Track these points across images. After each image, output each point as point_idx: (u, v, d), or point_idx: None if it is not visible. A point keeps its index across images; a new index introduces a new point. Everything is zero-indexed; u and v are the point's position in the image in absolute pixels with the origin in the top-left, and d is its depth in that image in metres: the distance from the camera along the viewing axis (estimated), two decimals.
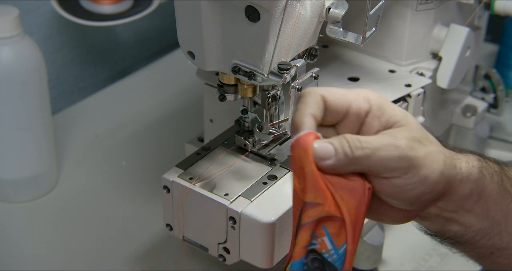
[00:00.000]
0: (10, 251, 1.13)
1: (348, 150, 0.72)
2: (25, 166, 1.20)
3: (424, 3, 1.10)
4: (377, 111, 0.75)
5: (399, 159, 0.72)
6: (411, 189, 0.74)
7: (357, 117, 0.75)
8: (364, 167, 0.72)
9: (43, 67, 1.15)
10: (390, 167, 0.72)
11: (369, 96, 0.75)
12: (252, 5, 0.83)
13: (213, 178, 0.94)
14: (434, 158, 0.75)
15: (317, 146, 0.71)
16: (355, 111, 0.74)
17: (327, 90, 0.74)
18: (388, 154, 0.72)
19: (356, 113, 0.74)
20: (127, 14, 1.32)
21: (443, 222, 0.79)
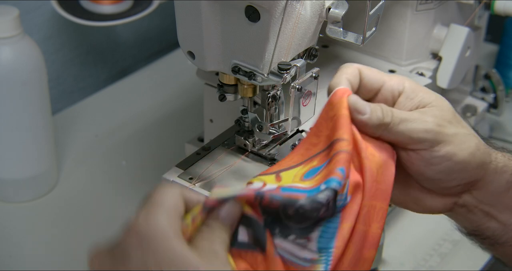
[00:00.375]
0: (10, 251, 1.13)
1: (380, 114, 0.74)
2: (25, 166, 1.19)
3: (424, 3, 1.10)
4: (411, 93, 0.77)
5: (425, 131, 0.74)
6: (438, 163, 0.75)
7: (390, 95, 0.78)
8: (391, 135, 0.75)
9: (43, 67, 1.15)
10: (416, 138, 0.74)
11: (404, 80, 0.78)
12: (252, 5, 0.83)
13: (213, 178, 0.94)
14: (464, 139, 0.76)
15: (354, 98, 0.74)
16: (389, 90, 0.77)
17: (364, 66, 0.77)
18: (414, 126, 0.74)
19: (390, 92, 0.77)
20: (127, 14, 1.32)
21: (481, 217, 0.79)
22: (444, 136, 0.75)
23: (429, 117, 0.75)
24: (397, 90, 0.77)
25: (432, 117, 0.75)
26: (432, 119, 0.75)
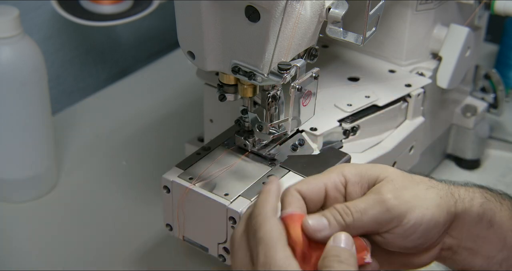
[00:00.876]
0: (10, 251, 1.13)
1: (340, 219, 0.74)
2: (25, 166, 1.19)
3: (424, 3, 1.10)
4: (355, 178, 0.78)
5: (387, 211, 0.75)
6: (413, 232, 0.76)
7: (338, 192, 0.78)
8: (360, 229, 0.75)
9: (43, 67, 1.15)
10: (383, 221, 0.75)
11: (342, 169, 0.78)
12: (252, 5, 0.83)
13: (213, 178, 0.94)
14: (424, 196, 0.77)
15: (310, 221, 0.74)
16: (333, 188, 0.78)
17: (300, 183, 0.77)
18: (376, 211, 0.75)
19: (335, 189, 0.78)
20: (127, 14, 1.32)
21: (466, 256, 0.80)
22: (404, 205, 0.75)
23: (384, 195, 0.75)
24: (340, 183, 0.78)
25: (387, 193, 0.75)
26: (389, 196, 0.75)
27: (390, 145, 1.05)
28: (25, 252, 1.13)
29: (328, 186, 0.78)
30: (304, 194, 0.77)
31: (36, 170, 1.20)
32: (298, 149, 0.99)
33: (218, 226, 0.92)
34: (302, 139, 1.00)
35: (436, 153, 1.26)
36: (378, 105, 1.05)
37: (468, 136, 1.26)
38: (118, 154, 1.31)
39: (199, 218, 0.94)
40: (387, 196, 0.75)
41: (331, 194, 0.78)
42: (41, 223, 1.18)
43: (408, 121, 1.09)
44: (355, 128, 1.03)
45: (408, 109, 1.08)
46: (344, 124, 1.02)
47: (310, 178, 0.79)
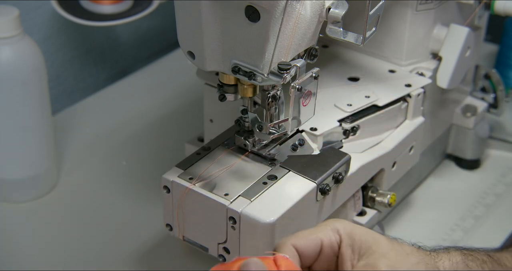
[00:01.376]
0: (10, 251, 1.13)
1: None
2: (25, 166, 1.19)
3: (424, 3, 1.10)
4: (348, 239, 0.78)
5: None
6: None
7: (331, 250, 0.78)
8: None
9: (43, 67, 1.15)
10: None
11: (337, 226, 0.78)
12: (252, 5, 0.83)
13: (213, 178, 0.94)
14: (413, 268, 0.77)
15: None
16: (328, 245, 0.78)
17: (296, 237, 0.77)
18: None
19: (330, 247, 0.78)
20: (127, 14, 1.32)
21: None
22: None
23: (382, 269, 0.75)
24: (335, 242, 0.78)
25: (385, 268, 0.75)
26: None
27: (390, 145, 1.05)
28: (25, 252, 1.13)
29: (324, 243, 0.78)
30: (301, 250, 0.77)
31: (36, 170, 1.20)
32: (298, 149, 0.99)
33: (218, 226, 0.92)
34: (302, 139, 1.00)
35: (436, 153, 1.26)
36: (378, 105, 1.05)
37: (468, 136, 1.26)
38: (118, 154, 1.31)
39: (199, 218, 0.94)
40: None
41: (325, 251, 0.78)
42: (41, 223, 1.18)
43: (408, 121, 1.09)
44: (355, 128, 1.03)
45: (408, 109, 1.08)
46: (344, 124, 1.02)
47: (306, 233, 0.78)
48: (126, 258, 1.11)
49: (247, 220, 0.89)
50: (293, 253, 0.76)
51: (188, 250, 1.09)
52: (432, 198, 1.22)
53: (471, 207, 1.21)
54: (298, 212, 0.92)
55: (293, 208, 0.91)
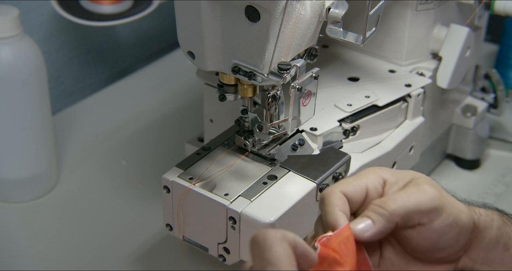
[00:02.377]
0: (10, 251, 1.13)
1: (382, 210, 0.75)
2: (25, 166, 1.20)
3: (424, 3, 1.10)
4: (392, 178, 0.78)
5: (431, 199, 0.75)
6: (449, 231, 0.76)
7: (376, 194, 0.78)
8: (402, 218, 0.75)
9: (43, 67, 1.15)
10: (425, 209, 0.75)
11: (379, 171, 0.79)
12: (252, 5, 0.83)
13: (213, 178, 0.94)
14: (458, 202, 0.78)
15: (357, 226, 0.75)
16: (374, 189, 0.78)
17: (343, 184, 0.77)
18: (419, 198, 0.75)
19: (375, 191, 0.78)
20: (127, 14, 1.32)
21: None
22: (446, 200, 0.76)
23: (425, 186, 0.76)
24: (379, 185, 0.78)
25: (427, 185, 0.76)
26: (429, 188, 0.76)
27: (390, 145, 1.05)
28: (25, 252, 1.13)
29: (369, 188, 0.78)
30: (349, 196, 0.77)
31: (36, 170, 1.20)
32: (298, 149, 0.99)
33: (218, 226, 0.92)
34: (302, 139, 1.00)
35: (436, 153, 1.26)
36: (378, 105, 1.05)
37: (468, 136, 1.26)
38: (118, 154, 1.31)
39: (199, 218, 0.94)
40: (428, 187, 0.76)
41: (370, 196, 0.78)
42: (41, 223, 1.18)
43: (408, 121, 1.09)
44: (355, 128, 1.03)
45: (408, 109, 1.08)
46: (344, 124, 1.02)
47: (350, 179, 0.79)
48: (126, 258, 1.11)
49: (247, 220, 0.89)
50: (342, 199, 0.76)
51: (188, 250, 1.09)
52: None
53: None
54: (298, 212, 0.92)
55: (293, 208, 0.91)
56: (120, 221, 1.18)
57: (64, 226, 1.17)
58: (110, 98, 1.46)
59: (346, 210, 0.76)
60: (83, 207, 1.21)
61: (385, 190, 0.78)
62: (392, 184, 0.78)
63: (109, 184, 1.25)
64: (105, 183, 1.25)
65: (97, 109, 1.42)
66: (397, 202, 0.75)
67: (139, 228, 1.16)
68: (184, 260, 1.10)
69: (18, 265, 1.11)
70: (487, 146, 1.31)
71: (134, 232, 1.16)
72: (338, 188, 0.77)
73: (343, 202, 0.76)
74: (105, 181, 1.26)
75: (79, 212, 1.20)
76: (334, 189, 0.77)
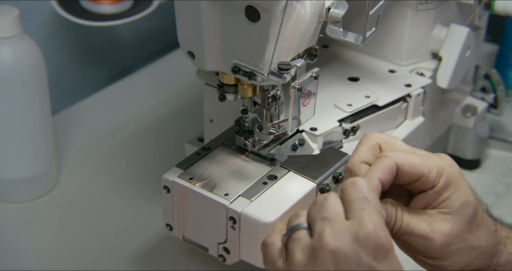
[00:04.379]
0: (10, 251, 1.13)
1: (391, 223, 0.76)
2: (25, 166, 1.20)
3: (424, 3, 1.10)
4: (441, 188, 0.77)
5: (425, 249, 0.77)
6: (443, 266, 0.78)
7: (423, 186, 0.77)
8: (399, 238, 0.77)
9: (43, 67, 1.15)
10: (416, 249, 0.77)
11: (444, 171, 0.77)
12: (252, 5, 0.83)
13: (213, 178, 0.94)
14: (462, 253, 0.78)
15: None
16: (425, 182, 0.77)
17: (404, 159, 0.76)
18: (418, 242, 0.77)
19: (425, 183, 0.77)
20: (127, 14, 1.32)
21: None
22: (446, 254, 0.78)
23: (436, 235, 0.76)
24: (431, 184, 0.77)
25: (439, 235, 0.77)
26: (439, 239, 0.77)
27: None
28: (25, 252, 1.13)
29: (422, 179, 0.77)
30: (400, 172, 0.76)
31: (36, 170, 1.20)
32: (298, 149, 0.99)
33: (218, 226, 0.92)
34: (302, 139, 1.00)
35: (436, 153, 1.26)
36: (378, 105, 1.05)
37: (468, 136, 1.26)
38: (118, 154, 1.31)
39: (199, 218, 0.94)
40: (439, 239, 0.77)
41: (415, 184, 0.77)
42: (41, 223, 1.18)
43: (408, 121, 1.09)
44: (355, 128, 1.03)
45: (408, 109, 1.08)
46: (344, 124, 1.02)
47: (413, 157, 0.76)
48: (126, 258, 1.11)
49: (247, 220, 0.89)
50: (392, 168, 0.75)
51: (188, 250, 1.09)
52: None
53: None
54: None
55: (293, 208, 0.91)
56: (120, 221, 1.18)
57: (64, 226, 1.17)
58: (110, 98, 1.46)
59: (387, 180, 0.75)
60: (83, 207, 1.21)
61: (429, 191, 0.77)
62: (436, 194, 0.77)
63: (109, 184, 1.25)
64: (105, 183, 1.25)
65: (97, 109, 1.42)
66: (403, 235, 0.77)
67: (139, 228, 1.16)
68: (184, 260, 1.10)
69: (18, 265, 1.11)
70: (487, 146, 1.31)
71: (134, 232, 1.16)
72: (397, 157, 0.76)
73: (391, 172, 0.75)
74: (105, 181, 1.26)
75: (79, 212, 1.20)
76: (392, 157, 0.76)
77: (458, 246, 0.77)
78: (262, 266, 0.92)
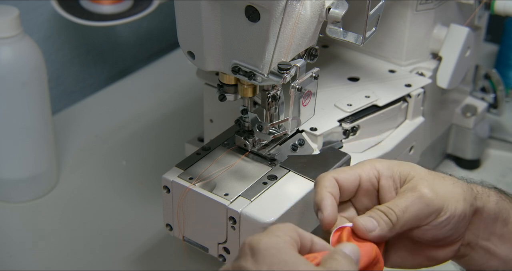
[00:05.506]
0: (10, 251, 1.13)
1: (387, 219, 0.78)
2: (25, 166, 1.20)
3: (424, 3, 1.10)
4: (387, 172, 0.81)
5: (427, 206, 0.78)
6: (447, 224, 0.80)
7: (371, 185, 0.81)
8: (403, 227, 0.79)
9: (43, 67, 1.15)
10: (423, 216, 0.79)
11: (374, 163, 0.82)
12: (252, 5, 0.83)
13: (213, 178, 0.94)
14: (453, 190, 0.80)
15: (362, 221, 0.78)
16: (367, 180, 0.81)
17: (337, 172, 0.81)
18: (417, 207, 0.78)
19: (369, 182, 0.81)
20: (127, 14, 1.32)
21: (482, 255, 0.83)
22: (441, 199, 0.79)
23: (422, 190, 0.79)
24: (373, 176, 0.81)
25: (423, 188, 0.79)
26: (426, 191, 0.79)
27: (390, 145, 1.05)
28: (25, 252, 1.13)
29: (362, 178, 0.81)
30: (340, 182, 0.80)
31: (36, 170, 1.20)
32: (298, 149, 0.99)
33: (218, 226, 0.92)
34: (302, 139, 1.00)
35: (436, 153, 1.26)
36: (378, 105, 1.05)
37: (468, 136, 1.26)
38: (118, 154, 1.31)
39: (199, 218, 0.94)
40: (424, 191, 0.79)
41: (363, 186, 0.81)
42: (41, 223, 1.18)
43: (408, 121, 1.09)
44: (355, 128, 1.03)
45: (408, 109, 1.08)
46: (344, 124, 1.02)
47: (345, 168, 0.82)
48: (126, 258, 1.11)
49: (247, 220, 0.89)
50: (332, 182, 0.80)
51: (188, 250, 1.09)
52: None
53: None
54: (298, 212, 0.92)
55: (293, 208, 0.91)
56: (120, 221, 1.18)
57: (64, 226, 1.17)
58: (110, 98, 1.46)
59: (335, 193, 0.79)
60: (83, 207, 1.21)
61: (381, 183, 0.81)
62: (388, 178, 0.81)
63: (109, 184, 1.25)
64: (105, 183, 1.25)
65: (97, 109, 1.42)
66: (398, 214, 0.78)
67: (139, 228, 1.16)
68: (184, 260, 1.10)
69: (18, 265, 1.11)
70: (487, 146, 1.31)
71: (134, 232, 1.16)
72: (331, 173, 0.81)
73: (333, 185, 0.80)
74: (105, 181, 1.26)
75: (79, 212, 1.20)
76: (327, 174, 0.81)
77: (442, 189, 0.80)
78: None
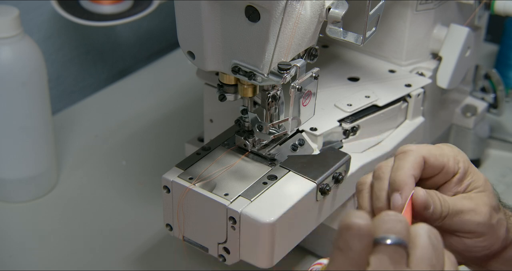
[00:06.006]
0: (10, 251, 1.13)
1: (439, 207, 0.77)
2: (25, 166, 1.20)
3: (424, 3, 1.10)
4: (463, 174, 0.80)
5: (478, 224, 0.78)
6: (478, 251, 0.79)
7: (445, 176, 0.80)
8: (445, 223, 0.78)
9: (43, 67, 1.15)
10: (468, 229, 0.78)
11: (459, 158, 0.80)
12: (252, 5, 0.83)
13: (213, 178, 0.94)
14: (500, 225, 0.80)
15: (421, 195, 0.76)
16: (445, 172, 0.79)
17: (428, 151, 0.78)
18: (468, 218, 0.78)
19: (447, 173, 0.80)
20: (127, 14, 1.32)
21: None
22: (492, 227, 0.79)
23: (482, 208, 0.78)
24: (452, 172, 0.80)
25: (484, 207, 0.78)
26: (485, 211, 0.78)
27: (390, 145, 1.05)
28: (25, 252, 1.13)
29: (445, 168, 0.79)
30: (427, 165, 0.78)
31: (36, 170, 1.20)
32: (298, 149, 0.99)
33: (218, 226, 0.92)
34: (302, 139, 1.00)
35: None
36: (378, 105, 1.05)
37: (468, 136, 1.26)
38: (118, 154, 1.31)
39: (199, 218, 0.94)
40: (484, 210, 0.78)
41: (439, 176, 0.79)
42: (41, 223, 1.18)
43: (408, 121, 1.09)
44: (355, 128, 1.03)
45: (408, 109, 1.08)
46: (344, 124, 1.02)
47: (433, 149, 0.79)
48: (126, 258, 1.11)
49: (247, 220, 0.89)
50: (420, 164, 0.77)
51: (188, 250, 1.09)
52: None
53: None
54: (298, 212, 0.92)
55: (293, 208, 0.91)
56: (120, 221, 1.18)
57: (64, 226, 1.17)
58: (110, 98, 1.46)
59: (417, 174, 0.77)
60: (83, 207, 1.21)
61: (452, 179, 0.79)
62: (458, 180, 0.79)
63: (109, 184, 1.25)
64: (105, 183, 1.25)
65: (97, 109, 1.42)
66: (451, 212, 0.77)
67: (139, 228, 1.16)
68: (184, 260, 1.10)
69: (18, 265, 1.11)
70: (487, 146, 1.31)
71: (134, 232, 1.16)
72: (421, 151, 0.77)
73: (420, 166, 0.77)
74: (105, 181, 1.26)
75: (79, 212, 1.20)
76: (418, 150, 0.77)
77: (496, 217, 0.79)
78: (262, 266, 0.92)
